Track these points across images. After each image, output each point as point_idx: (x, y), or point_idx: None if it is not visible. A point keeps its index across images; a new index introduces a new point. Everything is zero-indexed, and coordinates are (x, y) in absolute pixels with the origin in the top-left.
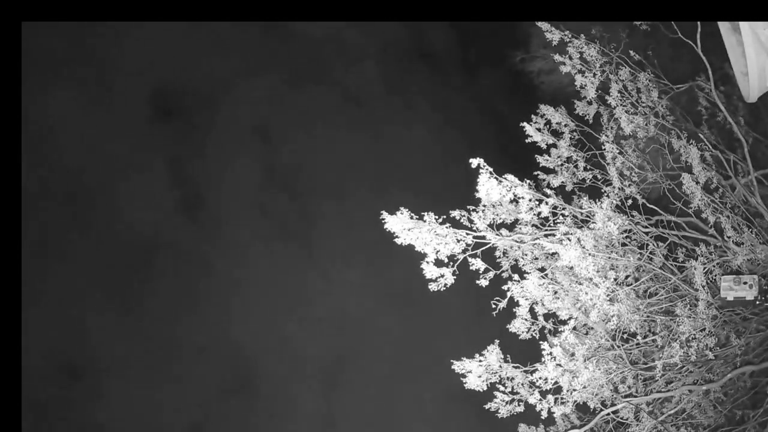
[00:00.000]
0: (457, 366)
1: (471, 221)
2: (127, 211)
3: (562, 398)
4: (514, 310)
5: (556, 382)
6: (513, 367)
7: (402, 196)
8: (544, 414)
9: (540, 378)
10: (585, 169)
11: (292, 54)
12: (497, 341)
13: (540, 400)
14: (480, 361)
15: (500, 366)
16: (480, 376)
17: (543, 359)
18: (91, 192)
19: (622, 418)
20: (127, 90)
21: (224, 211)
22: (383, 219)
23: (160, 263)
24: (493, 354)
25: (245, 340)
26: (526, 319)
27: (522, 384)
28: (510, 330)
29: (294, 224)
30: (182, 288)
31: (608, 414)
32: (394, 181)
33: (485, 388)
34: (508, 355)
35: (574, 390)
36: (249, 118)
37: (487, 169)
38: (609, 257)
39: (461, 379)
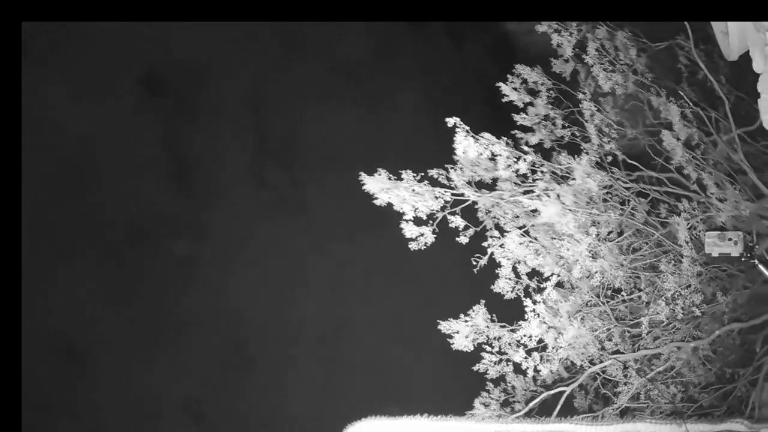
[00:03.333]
0: (444, 326)
1: (449, 179)
2: (121, 188)
3: (547, 356)
4: (497, 271)
5: (541, 340)
6: (500, 326)
7: (390, 160)
8: (531, 372)
9: (525, 336)
10: (563, 126)
11: (279, 24)
12: (483, 301)
13: (525, 358)
14: (466, 321)
15: (487, 326)
16: (467, 336)
17: (527, 316)
18: (85, 172)
19: (610, 376)
20: (115, 69)
21: (218, 183)
22: (361, 180)
23: (155, 238)
24: (479, 314)
25: (241, 312)
26: (509, 279)
27: (509, 343)
28: (494, 291)
29: (288, 193)
30: (177, 262)
31: (595, 372)
32: (384, 146)
33: (472, 348)
34: (494, 315)
35: (560, 347)
36: (239, 91)
37: (463, 128)
38: (590, 213)
39: (448, 339)
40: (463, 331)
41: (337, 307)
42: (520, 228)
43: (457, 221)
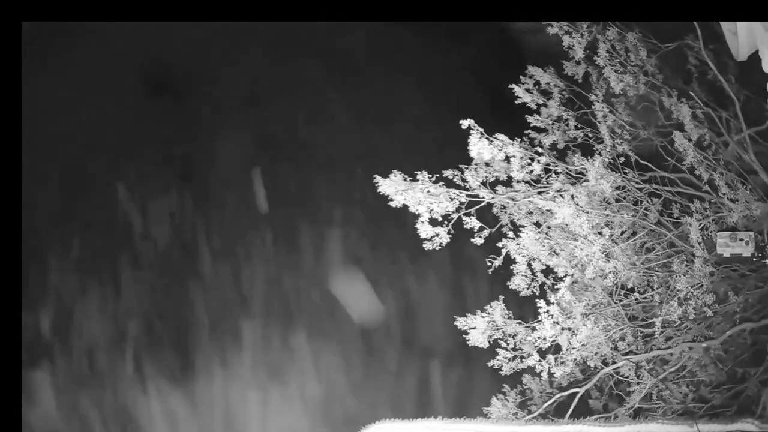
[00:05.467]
0: (461, 322)
1: (464, 180)
2: (122, 186)
3: (561, 358)
4: (511, 267)
5: (554, 341)
6: (516, 323)
7: (395, 159)
8: (545, 375)
9: (539, 338)
10: (576, 127)
11: (279, 24)
12: (501, 297)
13: (540, 360)
14: (483, 316)
15: (504, 322)
16: (484, 332)
17: (540, 317)
18: (85, 171)
19: (622, 376)
20: (115, 67)
21: (218, 182)
22: (376, 183)
23: (155, 237)
24: (497, 310)
25: (248, 311)
26: (525, 276)
27: (524, 340)
28: (510, 287)
29: (288, 192)
30: (178, 260)
31: (609, 372)
32: (387, 145)
33: (488, 345)
34: (510, 312)
35: (573, 348)
36: (239, 90)
37: (477, 130)
38: (604, 214)
39: (464, 336)
40: (481, 326)
41: (348, 307)
42: (534, 224)
43: (472, 222)
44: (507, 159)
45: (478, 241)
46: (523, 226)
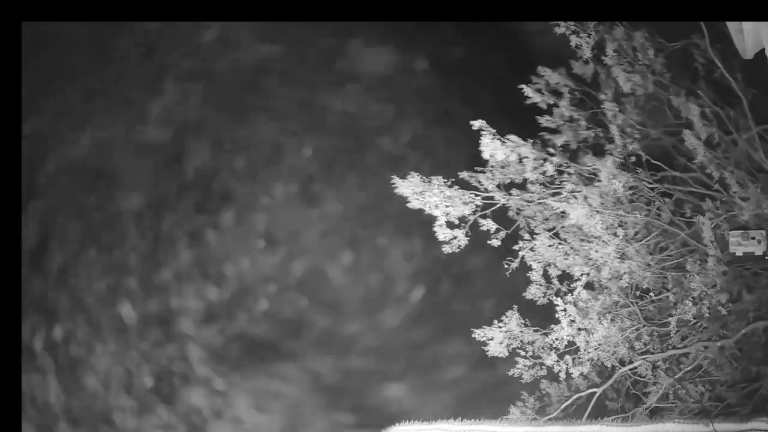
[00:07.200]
0: (479, 333)
1: (480, 182)
2: (126, 187)
3: (578, 358)
4: (528, 274)
5: (572, 342)
6: (533, 330)
7: (413, 162)
8: (563, 375)
9: (556, 339)
10: (587, 128)
11: (289, 25)
12: (516, 307)
13: (557, 361)
14: (500, 327)
15: (521, 331)
16: (501, 342)
17: (557, 315)
18: (87, 174)
19: (640, 376)
20: (117, 69)
21: (236, 185)
22: (394, 184)
23: (167, 243)
24: (513, 319)
25: (270, 314)
26: (540, 285)
27: (542, 348)
28: (527, 297)
29: (310, 194)
30: (190, 259)
31: (626, 372)
32: (404, 147)
33: (507, 354)
34: (526, 320)
35: (591, 348)
36: (255, 94)
37: (489, 131)
38: (617, 214)
39: (482, 347)
40: (498, 337)
41: (370, 312)
42: (550, 230)
43: (488, 224)
44: (520, 160)
45: (495, 243)
46: (538, 234)
